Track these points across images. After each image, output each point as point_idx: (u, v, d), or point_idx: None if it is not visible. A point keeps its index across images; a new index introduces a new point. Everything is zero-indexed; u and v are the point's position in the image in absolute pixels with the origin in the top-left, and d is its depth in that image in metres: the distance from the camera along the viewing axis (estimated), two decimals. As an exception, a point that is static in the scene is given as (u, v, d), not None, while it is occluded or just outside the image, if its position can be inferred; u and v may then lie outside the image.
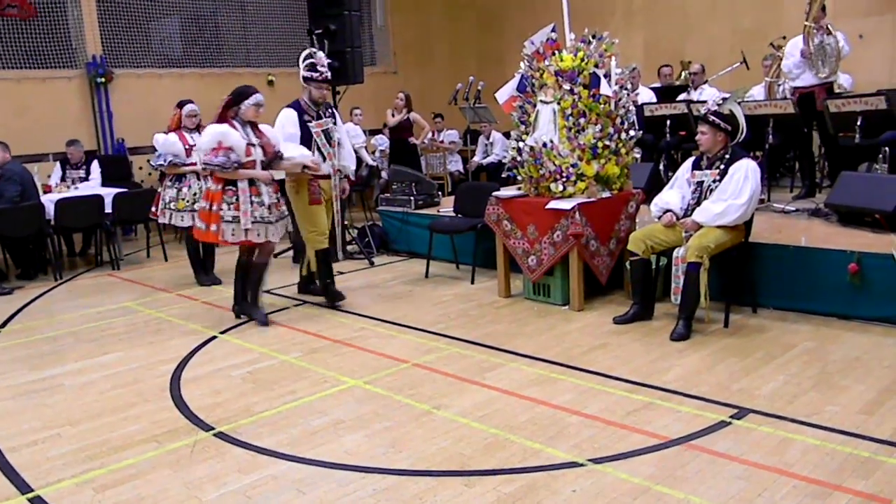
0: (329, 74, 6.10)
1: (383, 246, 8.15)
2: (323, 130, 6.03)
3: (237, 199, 5.41)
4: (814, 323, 5.14)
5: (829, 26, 7.24)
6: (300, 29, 9.95)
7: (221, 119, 5.46)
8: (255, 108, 5.52)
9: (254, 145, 5.49)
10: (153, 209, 7.04)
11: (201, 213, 5.59)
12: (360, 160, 10.50)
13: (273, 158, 5.61)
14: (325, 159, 6.02)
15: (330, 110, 6.20)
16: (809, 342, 4.80)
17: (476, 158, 10.91)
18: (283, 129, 5.90)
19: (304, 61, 5.97)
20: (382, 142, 10.81)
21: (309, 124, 5.97)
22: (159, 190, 7.02)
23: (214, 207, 5.44)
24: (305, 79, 5.96)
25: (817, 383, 4.15)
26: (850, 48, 7.34)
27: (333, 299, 6.18)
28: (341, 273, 7.40)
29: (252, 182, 5.48)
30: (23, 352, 5.42)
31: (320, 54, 6.11)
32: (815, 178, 7.77)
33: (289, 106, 6.05)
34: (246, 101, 5.48)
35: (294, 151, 5.80)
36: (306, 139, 5.95)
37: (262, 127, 5.67)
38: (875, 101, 6.53)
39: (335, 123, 6.18)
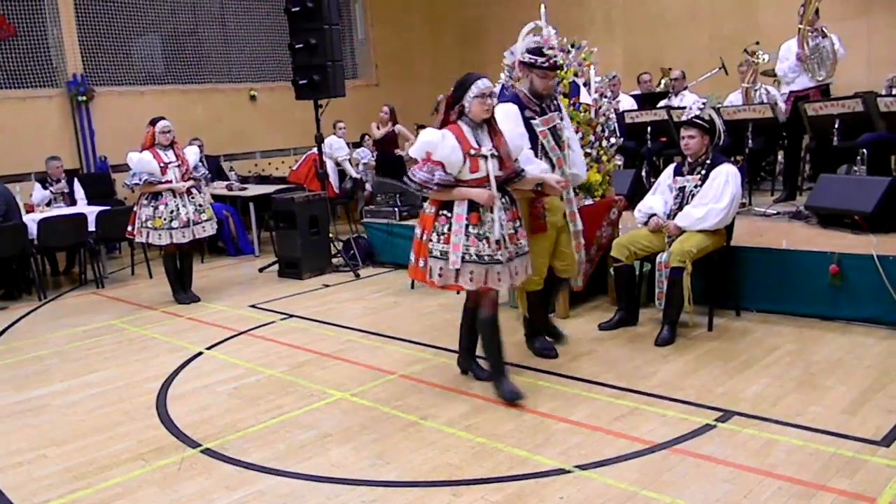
0: (559, 59, 4.84)
1: (369, 258, 8.15)
2: (550, 129, 4.69)
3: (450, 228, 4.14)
4: (796, 325, 5.19)
5: (823, 29, 7.31)
6: (281, 43, 9.94)
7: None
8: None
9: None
10: (129, 228, 6.88)
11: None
12: (343, 173, 10.54)
13: (511, 176, 4.27)
14: (553, 167, 4.68)
15: (556, 103, 4.84)
16: (792, 344, 4.85)
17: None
18: (514, 129, 4.47)
19: (524, 40, 4.88)
20: (365, 154, 10.82)
21: (533, 122, 4.62)
22: (135, 209, 6.87)
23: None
24: (526, 64, 4.65)
25: (800, 384, 4.19)
26: (845, 51, 7.40)
27: (557, 339, 5.15)
28: (327, 286, 7.41)
29: None
30: (7, 373, 5.38)
31: (548, 31, 5.02)
32: (797, 181, 7.84)
33: (505, 99, 4.73)
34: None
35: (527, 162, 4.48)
36: (530, 141, 4.61)
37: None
38: (852, 104, 6.62)
39: (562, 119, 4.83)
